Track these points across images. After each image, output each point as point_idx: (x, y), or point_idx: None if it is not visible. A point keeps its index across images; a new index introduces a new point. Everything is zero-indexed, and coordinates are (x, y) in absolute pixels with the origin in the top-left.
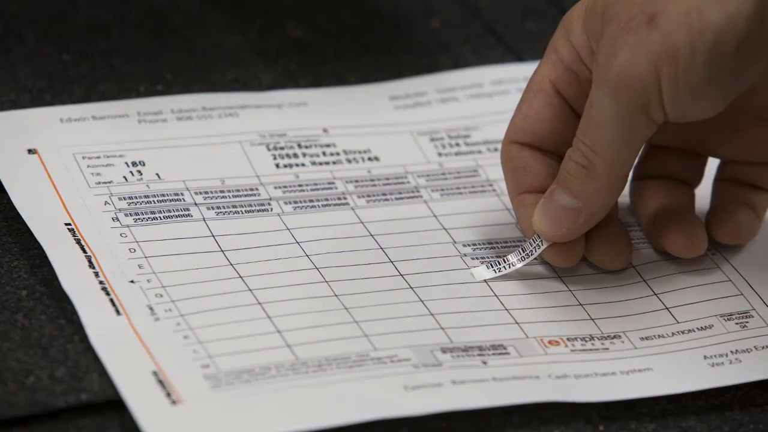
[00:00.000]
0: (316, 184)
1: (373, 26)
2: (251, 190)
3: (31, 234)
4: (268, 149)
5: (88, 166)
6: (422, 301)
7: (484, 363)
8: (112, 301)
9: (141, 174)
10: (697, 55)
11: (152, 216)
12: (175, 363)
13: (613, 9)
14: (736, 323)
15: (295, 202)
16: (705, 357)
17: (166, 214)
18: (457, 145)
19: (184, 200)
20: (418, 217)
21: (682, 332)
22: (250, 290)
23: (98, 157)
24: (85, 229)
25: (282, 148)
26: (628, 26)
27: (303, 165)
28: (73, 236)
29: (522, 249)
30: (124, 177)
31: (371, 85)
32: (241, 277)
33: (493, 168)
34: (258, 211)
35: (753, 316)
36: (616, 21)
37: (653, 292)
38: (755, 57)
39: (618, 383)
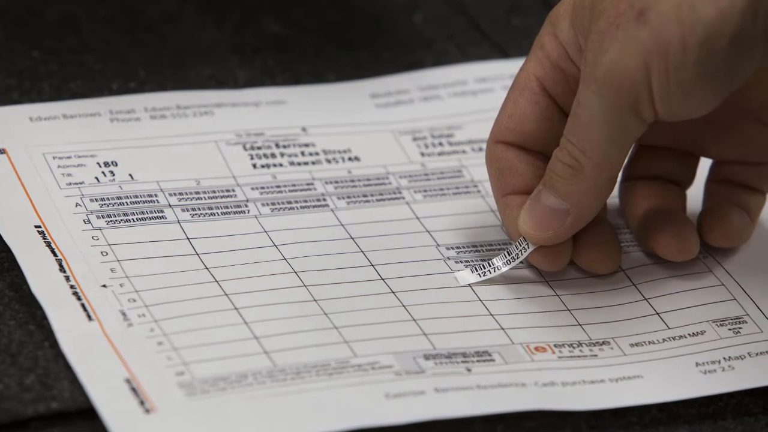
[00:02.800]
0: (294, 185)
1: (354, 22)
2: (227, 191)
3: (0, 237)
4: (245, 149)
5: (59, 167)
6: (404, 306)
7: (468, 370)
8: (83, 306)
9: (113, 175)
10: (688, 51)
11: (125, 218)
12: (149, 370)
13: (601, 4)
14: (729, 329)
15: (273, 204)
16: (697, 364)
17: (140, 216)
18: (441, 144)
19: (157, 202)
20: (400, 219)
21: (674, 338)
22: (226, 295)
23: (69, 157)
24: (55, 232)
25: (259, 148)
26: (618, 21)
27: (281, 165)
28: (44, 239)
29: (507, 252)
30: (96, 178)
31: (351, 82)
32: (216, 281)
33: (477, 168)
34: (234, 212)
35: (746, 322)
36: (604, 16)
37: (643, 297)
38: (748, 53)
39: (607, 391)
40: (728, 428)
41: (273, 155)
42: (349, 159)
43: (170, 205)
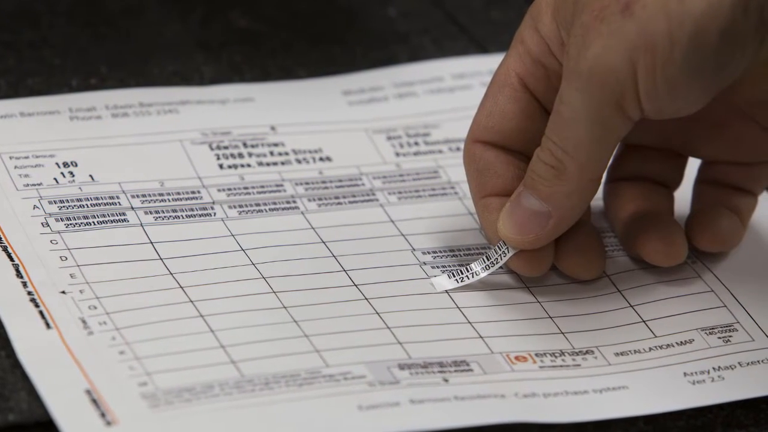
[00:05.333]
0: (263, 187)
1: (325, 15)
2: (193, 192)
3: None
4: (211, 148)
5: (16, 167)
6: (378, 314)
7: (446, 380)
8: (41, 313)
9: (73, 175)
10: (676, 46)
11: (85, 221)
12: (110, 381)
13: None
14: (719, 337)
15: (241, 206)
16: (685, 374)
17: (101, 219)
18: (416, 144)
19: (119, 204)
20: (374, 223)
21: (661, 347)
22: (191, 302)
23: (26, 157)
24: (12, 236)
25: (226, 148)
26: (602, 15)
27: (249, 166)
28: None
29: (486, 257)
30: (55, 179)
31: (323, 79)
32: (181, 287)
33: (454, 169)
34: (200, 215)
35: (737, 330)
36: (588, 9)
37: (629, 304)
38: (739, 48)
39: (591, 403)
40: None
41: (240, 155)
42: (321, 159)
43: (132, 208)
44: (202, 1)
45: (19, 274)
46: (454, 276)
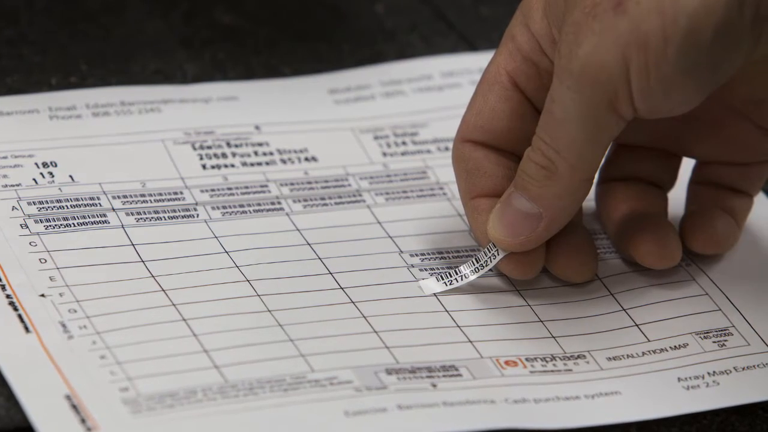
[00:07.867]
0: (247, 188)
1: (311, 11)
2: (175, 193)
3: None
4: (194, 148)
5: None
6: (365, 318)
7: (434, 386)
8: (20, 316)
9: (53, 176)
10: (670, 44)
11: (65, 223)
12: (91, 386)
13: None
14: (714, 342)
15: (224, 207)
16: (679, 379)
17: (81, 221)
18: (404, 143)
19: (100, 205)
20: (361, 224)
21: (654, 351)
22: (173, 305)
23: (5, 157)
24: None
25: (209, 148)
26: (594, 11)
27: (232, 166)
28: None
29: (476, 259)
30: (34, 179)
31: (308, 77)
32: (163, 290)
33: (443, 169)
34: (182, 217)
35: (732, 334)
36: (580, 6)
37: (621, 308)
38: (734, 46)
39: (582, 408)
40: None
41: (224, 155)
42: (306, 159)
43: (114, 209)
44: None
45: None
46: (443, 279)
